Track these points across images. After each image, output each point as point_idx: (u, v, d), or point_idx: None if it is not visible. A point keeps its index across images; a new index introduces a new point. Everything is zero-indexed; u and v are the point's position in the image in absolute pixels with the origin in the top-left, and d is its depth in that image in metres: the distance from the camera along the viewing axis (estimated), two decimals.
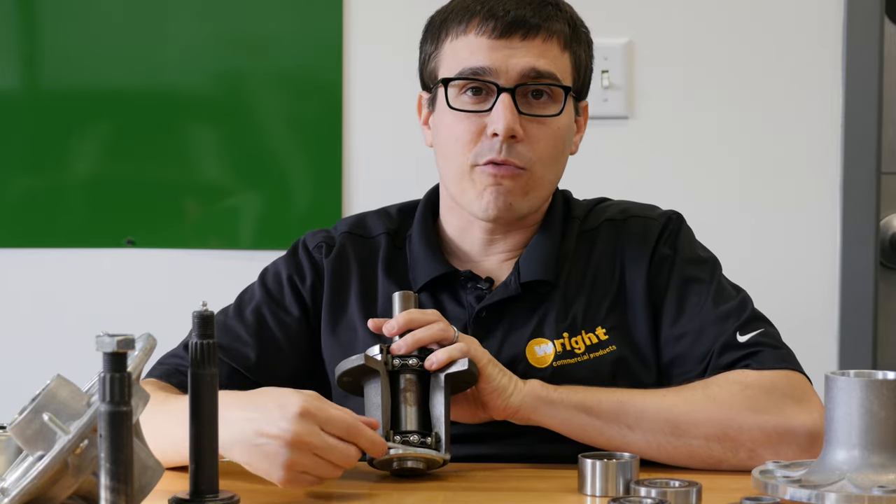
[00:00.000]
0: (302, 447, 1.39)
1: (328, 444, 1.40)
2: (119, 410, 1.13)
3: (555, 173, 1.71)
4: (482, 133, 1.65)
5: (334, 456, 1.40)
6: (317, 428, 1.39)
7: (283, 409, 1.39)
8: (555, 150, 1.68)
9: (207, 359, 1.31)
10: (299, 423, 1.38)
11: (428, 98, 1.75)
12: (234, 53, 2.63)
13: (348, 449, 1.41)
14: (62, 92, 2.65)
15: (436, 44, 1.71)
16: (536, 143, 1.66)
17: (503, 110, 1.63)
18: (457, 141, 1.67)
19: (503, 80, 1.64)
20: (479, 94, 1.66)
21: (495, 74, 1.64)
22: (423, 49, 1.74)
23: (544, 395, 1.56)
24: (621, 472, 1.41)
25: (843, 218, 2.58)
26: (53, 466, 1.17)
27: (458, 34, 1.68)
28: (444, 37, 1.70)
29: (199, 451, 1.31)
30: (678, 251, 1.72)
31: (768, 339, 1.65)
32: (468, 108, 1.66)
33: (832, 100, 2.59)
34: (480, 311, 1.69)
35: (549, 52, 1.66)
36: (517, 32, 1.65)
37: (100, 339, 1.13)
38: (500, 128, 1.63)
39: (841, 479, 1.29)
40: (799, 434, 1.54)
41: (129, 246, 2.66)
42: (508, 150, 1.64)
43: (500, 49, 1.64)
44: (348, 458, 1.41)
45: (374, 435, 1.44)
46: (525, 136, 1.65)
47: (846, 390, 1.31)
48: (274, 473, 1.40)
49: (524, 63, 1.64)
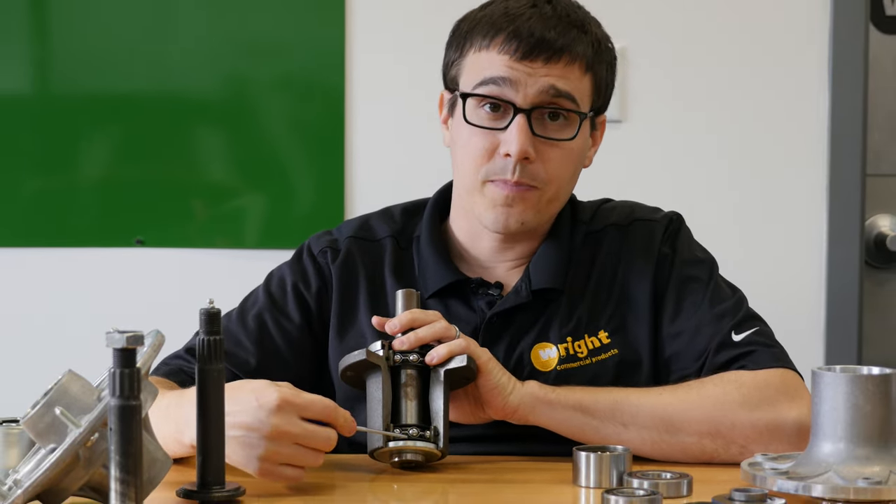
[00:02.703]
0: (281, 438, 1.38)
1: (308, 430, 1.39)
2: (129, 405, 1.14)
3: (567, 191, 1.69)
4: (496, 150, 1.62)
5: (316, 441, 1.40)
6: (295, 417, 1.39)
7: (260, 401, 1.38)
8: (567, 171, 1.66)
9: (214, 354, 1.31)
10: (277, 414, 1.38)
11: (448, 100, 1.71)
12: (240, 58, 2.63)
13: (328, 432, 1.41)
14: (73, 95, 2.65)
15: (460, 51, 1.67)
16: (549, 164, 1.63)
17: (517, 132, 1.60)
18: (470, 155, 1.64)
19: (521, 99, 1.61)
20: (497, 111, 1.63)
21: (514, 88, 1.61)
22: (447, 52, 1.71)
23: (542, 396, 1.55)
24: (615, 464, 1.41)
25: (829, 218, 2.58)
26: (65, 459, 1.17)
27: (482, 48, 1.64)
28: (468, 47, 1.66)
29: (206, 444, 1.32)
30: (677, 251, 1.71)
31: (762, 339, 1.64)
32: (484, 123, 1.63)
33: (819, 103, 2.59)
34: (492, 317, 1.68)
35: (571, 75, 1.62)
36: (540, 56, 1.61)
37: (110, 336, 1.14)
38: (513, 149, 1.60)
39: (827, 471, 1.29)
40: (789, 429, 1.54)
41: (138, 245, 2.66)
42: (522, 170, 1.61)
43: (521, 68, 1.61)
44: (329, 441, 1.41)
45: (347, 413, 1.43)
46: (538, 157, 1.62)
47: (832, 385, 1.31)
48: (250, 465, 1.39)
49: (543, 82, 1.61)
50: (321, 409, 1.41)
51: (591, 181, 1.83)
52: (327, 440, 1.41)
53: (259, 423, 1.38)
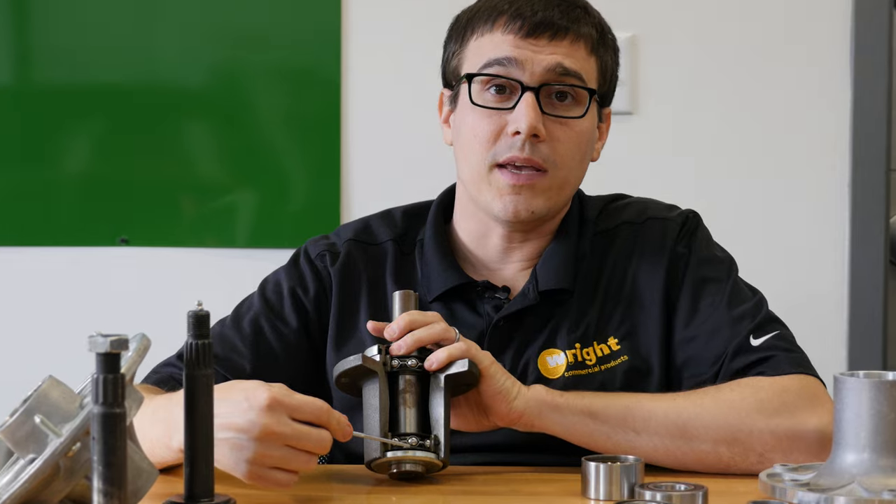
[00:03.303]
0: (271, 439, 1.37)
1: (300, 431, 1.39)
2: (112, 412, 1.13)
3: (576, 177, 1.70)
4: (503, 132, 1.64)
5: (309, 443, 1.39)
6: (286, 417, 1.38)
7: (250, 401, 1.38)
8: (577, 153, 1.67)
9: (202, 359, 1.31)
10: (267, 414, 1.37)
11: (450, 95, 1.74)
12: (230, 47, 2.63)
13: (321, 433, 1.40)
14: (54, 87, 2.65)
15: (460, 42, 1.70)
16: (559, 144, 1.65)
17: (526, 108, 1.62)
18: (476, 138, 1.66)
19: (528, 77, 1.63)
20: (503, 93, 1.65)
21: (520, 68, 1.63)
22: (446, 47, 1.74)
23: (549, 400, 1.55)
24: (626, 475, 1.41)
25: (851, 217, 2.58)
26: (45, 470, 1.17)
27: (485, 32, 1.67)
28: (470, 35, 1.69)
29: (195, 454, 1.31)
30: (693, 250, 1.72)
31: (782, 343, 1.64)
32: (491, 105, 1.65)
33: (841, 96, 2.59)
34: (499, 321, 1.68)
35: (577, 53, 1.66)
36: (545, 33, 1.64)
37: (93, 340, 1.13)
38: (522, 126, 1.62)
39: (850, 482, 1.29)
40: (810, 437, 1.54)
41: (122, 244, 2.65)
42: (531, 148, 1.63)
43: (526, 46, 1.64)
44: (322, 443, 1.40)
45: (342, 416, 1.43)
46: (548, 137, 1.64)
47: (855, 391, 1.31)
48: (239, 468, 1.39)
49: (550, 59, 1.64)
50: (314, 410, 1.40)
51: (600, 176, 1.83)
52: (319, 442, 1.40)
53: (249, 423, 1.37)
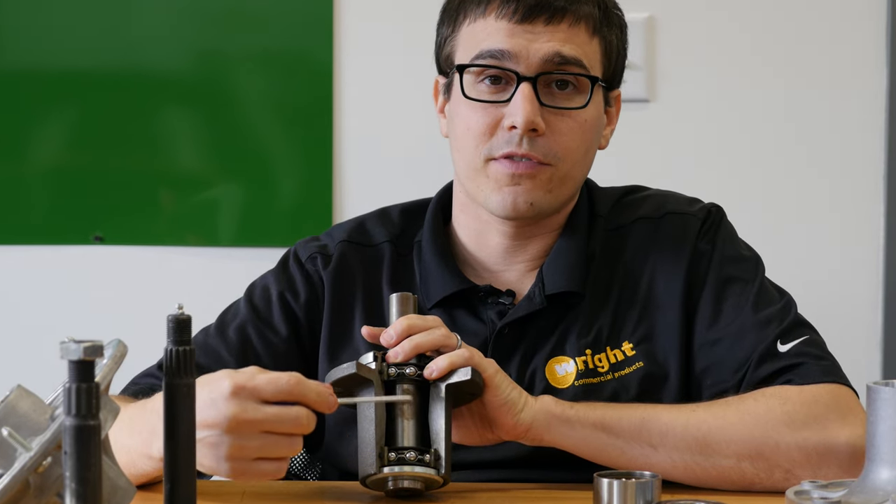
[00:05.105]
0: (244, 429, 1.36)
1: (271, 414, 1.36)
2: (86, 424, 1.13)
3: (581, 170, 1.70)
4: (499, 125, 1.65)
5: (286, 425, 1.37)
6: (253, 403, 1.36)
7: (213, 392, 1.37)
8: (581, 146, 1.67)
9: (183, 367, 1.30)
10: (233, 403, 1.36)
11: (444, 84, 1.74)
12: (214, 30, 2.63)
13: (298, 411, 1.37)
14: (22, 73, 2.65)
15: (453, 26, 1.71)
16: (560, 137, 1.65)
17: (522, 101, 1.62)
18: (469, 132, 1.66)
19: (524, 68, 1.64)
20: (498, 84, 1.66)
21: (515, 60, 1.64)
22: (439, 31, 1.74)
23: (559, 413, 1.55)
24: (641, 492, 1.41)
25: (886, 214, 2.58)
26: (13, 486, 1.17)
27: (477, 17, 1.67)
28: (462, 19, 1.69)
29: (175, 469, 1.31)
30: (716, 248, 1.72)
31: (812, 349, 1.64)
32: (485, 97, 1.66)
33: (875, 86, 2.59)
34: (503, 328, 1.68)
35: (576, 38, 1.65)
36: (541, 16, 1.64)
37: (65, 346, 1.13)
38: (518, 120, 1.62)
39: (885, 500, 1.29)
40: (841, 452, 1.54)
41: (97, 243, 2.66)
42: (530, 143, 1.63)
43: (521, 34, 1.64)
44: (300, 422, 1.38)
45: (319, 385, 1.40)
46: (548, 130, 1.64)
47: (890, 402, 1.31)
48: (220, 468, 1.38)
49: (547, 48, 1.64)
50: (283, 387, 1.38)
51: (615, 167, 1.84)
52: (296, 421, 1.37)
53: (217, 416, 1.36)
